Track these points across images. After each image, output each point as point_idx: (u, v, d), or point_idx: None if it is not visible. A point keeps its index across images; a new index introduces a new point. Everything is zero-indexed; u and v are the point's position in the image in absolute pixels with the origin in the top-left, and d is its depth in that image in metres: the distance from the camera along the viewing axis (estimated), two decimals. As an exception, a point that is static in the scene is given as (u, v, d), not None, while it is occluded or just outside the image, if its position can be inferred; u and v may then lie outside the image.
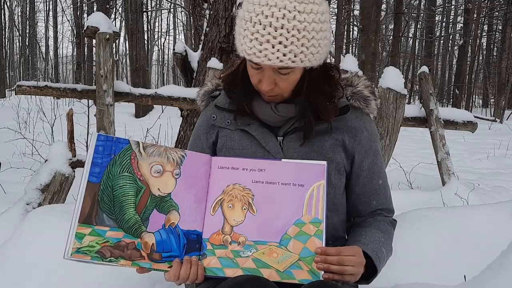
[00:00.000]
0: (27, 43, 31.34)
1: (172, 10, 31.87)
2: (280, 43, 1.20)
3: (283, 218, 1.26)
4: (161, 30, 36.05)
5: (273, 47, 1.21)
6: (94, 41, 4.37)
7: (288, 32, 1.20)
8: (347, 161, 1.42)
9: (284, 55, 1.21)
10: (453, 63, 28.92)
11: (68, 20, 30.91)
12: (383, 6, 22.38)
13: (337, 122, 1.39)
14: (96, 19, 4.32)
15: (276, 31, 1.20)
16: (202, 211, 1.29)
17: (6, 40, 28.79)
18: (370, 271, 1.29)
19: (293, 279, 1.19)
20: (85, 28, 4.36)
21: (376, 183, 1.46)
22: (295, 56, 1.22)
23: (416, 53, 27.89)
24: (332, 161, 1.38)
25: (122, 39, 27.85)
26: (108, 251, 1.17)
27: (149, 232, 1.22)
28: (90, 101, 4.98)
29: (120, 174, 1.24)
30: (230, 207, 1.27)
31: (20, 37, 32.11)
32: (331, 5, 19.82)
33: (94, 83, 4.36)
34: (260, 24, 1.21)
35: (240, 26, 1.28)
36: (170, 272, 1.20)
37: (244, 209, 1.27)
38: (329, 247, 1.21)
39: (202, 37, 4.60)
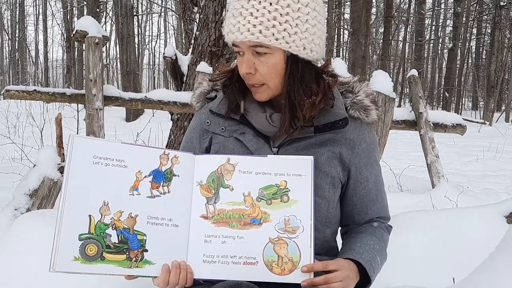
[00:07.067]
0: (16, 47, 31.16)
1: (162, 13, 31.89)
2: (251, 14, 1.21)
3: None
4: (152, 33, 36.14)
5: (244, 19, 1.22)
6: (84, 45, 4.36)
7: (259, 4, 1.21)
8: (343, 173, 1.39)
9: (254, 26, 1.21)
10: (443, 66, 29.16)
11: (58, 24, 30.84)
12: (373, 9, 22.52)
13: (334, 134, 1.35)
14: (85, 23, 4.30)
15: (248, 2, 1.22)
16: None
17: (-5, 44, 28.64)
18: (364, 279, 1.29)
19: None
20: (74, 32, 4.35)
21: (374, 194, 1.44)
22: (266, 29, 1.21)
23: (406, 56, 28.05)
24: (328, 175, 1.34)
25: (112, 43, 27.78)
26: None
27: None
28: (80, 105, 4.96)
29: None
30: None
31: (9, 41, 31.90)
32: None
33: (84, 87, 4.33)
34: (238, 1, 1.24)
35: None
36: (159, 278, 1.18)
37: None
38: (315, 264, 1.20)
39: (192, 41, 4.60)
